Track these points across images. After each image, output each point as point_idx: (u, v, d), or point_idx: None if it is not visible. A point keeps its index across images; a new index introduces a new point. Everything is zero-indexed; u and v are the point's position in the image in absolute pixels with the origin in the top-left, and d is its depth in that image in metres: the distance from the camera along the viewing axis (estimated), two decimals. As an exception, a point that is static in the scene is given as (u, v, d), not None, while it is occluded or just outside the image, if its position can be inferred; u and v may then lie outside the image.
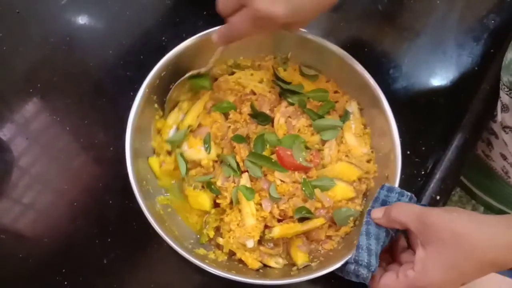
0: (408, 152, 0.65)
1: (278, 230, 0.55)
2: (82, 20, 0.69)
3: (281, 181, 0.56)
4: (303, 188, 0.56)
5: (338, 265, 0.50)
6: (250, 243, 0.54)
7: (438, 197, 0.63)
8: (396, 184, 0.54)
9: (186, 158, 0.58)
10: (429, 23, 0.75)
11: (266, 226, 0.56)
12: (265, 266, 0.56)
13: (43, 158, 0.62)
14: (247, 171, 0.57)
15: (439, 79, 0.71)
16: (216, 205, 0.58)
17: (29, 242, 0.58)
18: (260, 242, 0.56)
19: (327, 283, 0.57)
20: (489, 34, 0.75)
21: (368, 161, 0.61)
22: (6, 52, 0.66)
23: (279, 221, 0.56)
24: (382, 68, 0.70)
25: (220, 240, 0.57)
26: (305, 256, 0.56)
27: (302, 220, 0.56)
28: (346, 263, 0.50)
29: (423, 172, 0.65)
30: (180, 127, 0.61)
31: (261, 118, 0.60)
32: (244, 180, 0.56)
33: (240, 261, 0.56)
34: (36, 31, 0.68)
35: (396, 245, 0.51)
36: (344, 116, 0.61)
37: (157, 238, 0.57)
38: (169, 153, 0.60)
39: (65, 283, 0.55)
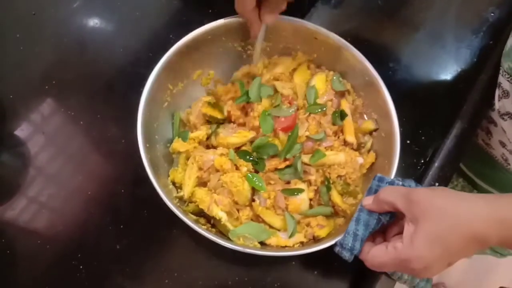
0: (408, 142, 0.67)
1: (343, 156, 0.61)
2: (93, 21, 0.73)
3: (307, 130, 0.62)
4: (317, 111, 0.63)
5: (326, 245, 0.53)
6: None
7: (436, 184, 0.65)
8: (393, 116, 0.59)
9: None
10: (428, 17, 0.77)
11: None
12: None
13: (59, 151, 0.65)
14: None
15: (438, 71, 0.73)
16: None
17: (46, 229, 0.61)
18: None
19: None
20: (488, 26, 0.77)
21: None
22: (23, 52, 0.69)
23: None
24: (383, 61, 0.73)
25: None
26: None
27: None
28: (335, 245, 0.53)
29: (422, 161, 0.67)
30: None
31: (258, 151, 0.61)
32: (299, 166, 0.60)
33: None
34: (51, 32, 0.72)
35: (390, 231, 0.52)
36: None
37: (167, 225, 0.60)
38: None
39: (80, 267, 0.58)
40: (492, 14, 0.78)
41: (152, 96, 0.58)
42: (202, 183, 0.60)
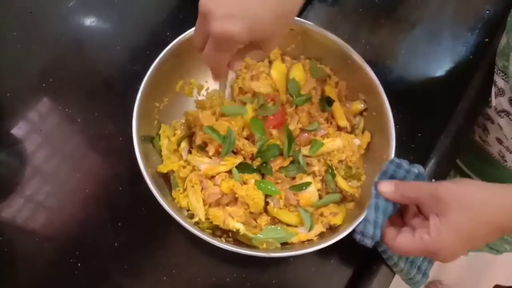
0: (405, 139, 0.67)
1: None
2: (90, 19, 0.73)
3: (298, 123, 0.63)
4: (303, 102, 0.63)
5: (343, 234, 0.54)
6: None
7: (433, 180, 0.65)
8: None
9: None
10: (425, 15, 0.78)
11: None
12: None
13: (56, 150, 0.65)
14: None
15: (434, 69, 0.74)
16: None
17: (44, 228, 0.61)
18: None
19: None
20: (483, 24, 0.77)
21: None
22: (20, 50, 0.69)
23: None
24: (379, 59, 0.73)
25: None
26: None
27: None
28: (354, 231, 0.53)
29: (419, 158, 0.67)
30: None
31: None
32: (300, 159, 0.61)
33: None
34: (48, 30, 0.71)
35: (406, 211, 0.54)
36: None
37: (165, 222, 0.60)
38: None
39: (79, 265, 0.58)
40: (487, 11, 0.78)
41: (143, 111, 0.58)
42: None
